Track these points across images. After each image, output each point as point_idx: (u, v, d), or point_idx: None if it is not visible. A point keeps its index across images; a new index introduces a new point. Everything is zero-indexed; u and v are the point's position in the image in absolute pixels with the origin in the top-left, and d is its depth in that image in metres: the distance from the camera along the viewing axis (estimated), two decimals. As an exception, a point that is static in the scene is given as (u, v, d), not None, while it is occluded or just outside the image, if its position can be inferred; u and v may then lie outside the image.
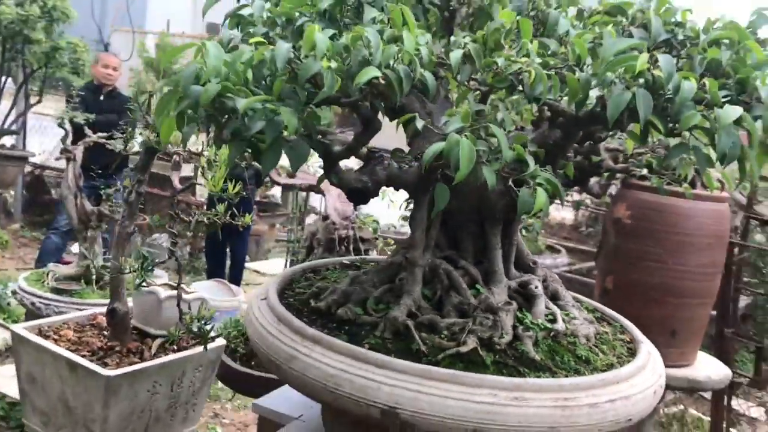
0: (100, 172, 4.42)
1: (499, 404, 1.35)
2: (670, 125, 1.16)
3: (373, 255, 3.21)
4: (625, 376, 1.51)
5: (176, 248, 2.59)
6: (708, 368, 2.92)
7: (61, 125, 4.59)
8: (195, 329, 2.47)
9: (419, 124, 1.29)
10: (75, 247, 6.73)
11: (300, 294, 1.82)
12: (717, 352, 4.50)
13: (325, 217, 3.63)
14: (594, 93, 1.22)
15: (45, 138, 10.49)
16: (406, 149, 1.58)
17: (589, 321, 1.75)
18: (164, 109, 1.27)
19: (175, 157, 2.44)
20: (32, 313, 3.66)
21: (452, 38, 1.28)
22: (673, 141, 1.30)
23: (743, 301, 6.72)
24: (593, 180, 2.45)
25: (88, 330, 2.86)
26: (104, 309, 2.92)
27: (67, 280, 3.89)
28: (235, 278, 5.72)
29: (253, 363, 3.55)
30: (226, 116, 1.18)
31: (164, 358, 2.63)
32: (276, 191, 8.82)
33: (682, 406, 6.00)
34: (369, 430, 1.52)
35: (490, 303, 1.61)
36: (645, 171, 1.91)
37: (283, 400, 2.09)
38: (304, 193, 4.53)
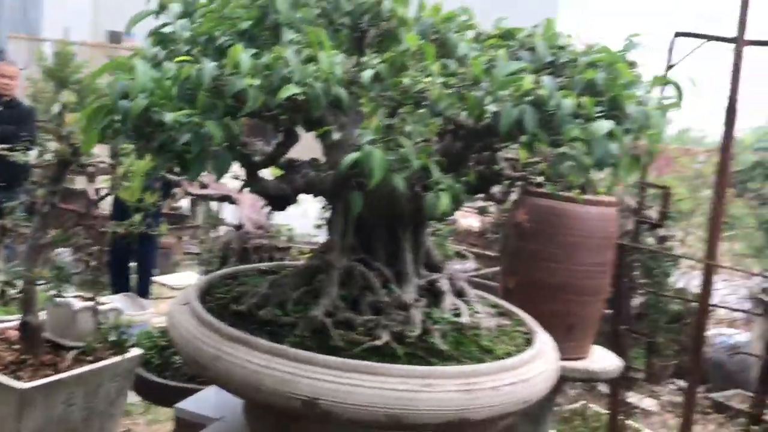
0: (3, 185, 4.31)
1: (410, 391, 1.48)
2: (554, 137, 1.33)
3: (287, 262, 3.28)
4: (523, 362, 1.68)
5: (90, 259, 2.60)
6: (602, 360, 3.16)
7: None
8: (113, 338, 2.50)
9: (335, 136, 1.41)
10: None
11: (220, 299, 1.90)
12: (612, 347, 4.80)
13: (239, 227, 3.68)
14: (491, 108, 1.37)
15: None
16: (323, 160, 1.70)
17: (491, 315, 1.92)
18: (91, 123, 1.33)
19: (90, 168, 2.46)
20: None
21: (364, 59, 1.41)
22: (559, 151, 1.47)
23: (638, 300, 7.19)
24: (495, 188, 2.63)
25: (-1, 344, 2.83)
26: (12, 323, 2.89)
27: None
28: (144, 292, 5.65)
29: (167, 373, 3.57)
30: (153, 129, 1.26)
31: (80, 369, 2.64)
32: (184, 203, 8.71)
33: (584, 402, 6.34)
34: (289, 422, 1.62)
35: (402, 300, 1.74)
36: (541, 179, 2.09)
37: (204, 403, 2.15)
38: (215, 204, 4.55)
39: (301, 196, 1.68)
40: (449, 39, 1.55)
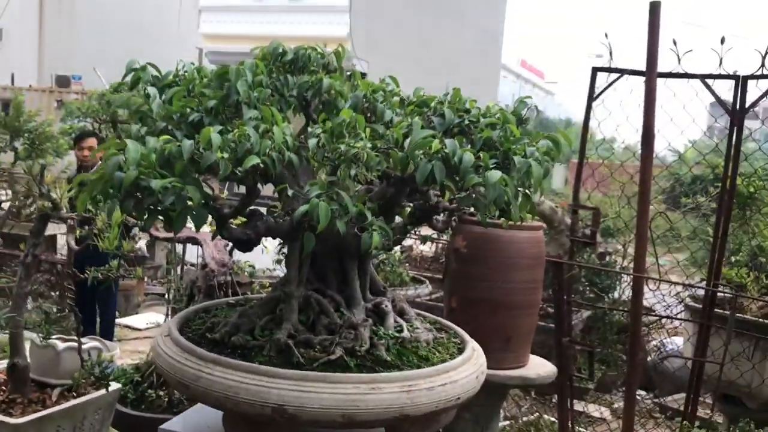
0: None
1: (360, 393, 1.82)
2: (460, 183, 1.70)
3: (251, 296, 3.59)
4: (452, 367, 2.03)
5: (71, 303, 2.88)
6: (538, 367, 3.54)
7: None
8: (97, 373, 2.79)
9: (290, 192, 1.75)
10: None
11: (197, 330, 2.21)
12: (557, 359, 5.19)
13: (204, 266, 3.98)
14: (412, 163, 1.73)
15: None
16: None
17: (428, 330, 2.27)
18: (90, 189, 1.66)
19: (69, 221, 2.75)
20: None
21: (309, 129, 1.76)
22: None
23: (585, 314, 7.65)
24: (436, 218, 3.00)
25: (-13, 387, 3.06)
26: (-2, 367, 3.14)
27: None
28: (107, 334, 5.86)
29: (142, 407, 3.84)
30: (141, 193, 1.59)
31: (67, 404, 2.89)
32: (141, 244, 8.91)
33: (537, 413, 6.74)
34: (261, 428, 1.94)
35: (352, 321, 2.08)
36: (472, 209, 2.46)
37: (185, 422, 2.45)
38: (180, 245, 4.84)
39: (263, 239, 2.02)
40: (377, 108, 1.91)
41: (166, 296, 4.47)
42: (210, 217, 1.80)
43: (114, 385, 3.08)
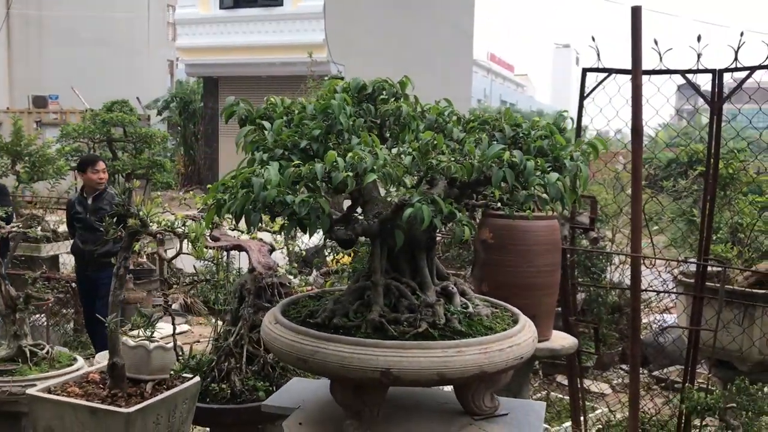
0: None
1: (448, 356, 2.29)
2: (524, 184, 2.16)
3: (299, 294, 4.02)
4: (515, 332, 2.50)
5: (169, 304, 3.31)
6: (560, 340, 4.03)
7: None
8: (193, 364, 3.22)
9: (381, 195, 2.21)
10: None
11: (296, 317, 2.66)
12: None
13: (252, 270, 4.41)
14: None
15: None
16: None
17: (486, 306, 2.74)
18: (230, 207, 2.10)
19: (159, 236, 3.18)
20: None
21: (400, 148, 2.22)
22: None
23: (581, 296, 8.18)
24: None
25: (87, 386, 3.48)
26: (90, 369, 3.56)
27: (2, 362, 4.37)
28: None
29: (207, 400, 4.25)
30: (280, 207, 2.04)
31: (163, 395, 3.33)
32: (143, 258, 9.27)
33: (545, 391, 7.27)
34: (366, 390, 2.40)
35: (428, 301, 2.54)
36: (499, 204, 2.93)
37: (283, 397, 2.89)
38: (225, 253, 5.26)
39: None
40: (447, 128, 2.38)
41: (214, 298, 4.88)
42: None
43: (196, 378, 3.52)
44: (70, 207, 6.98)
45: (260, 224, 2.15)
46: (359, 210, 2.52)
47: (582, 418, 5.74)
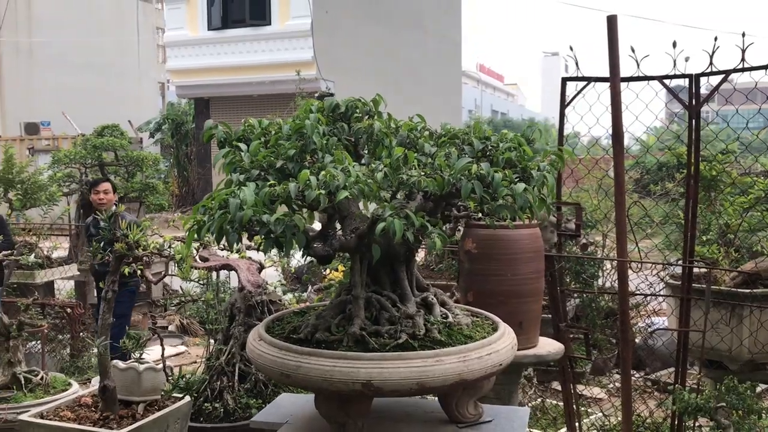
0: None
1: (428, 366, 2.34)
2: (493, 196, 2.23)
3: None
4: (494, 340, 2.56)
5: (156, 328, 3.35)
6: (547, 346, 4.08)
7: None
8: (182, 384, 3.26)
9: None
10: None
11: (280, 333, 2.71)
12: (557, 341, 5.68)
13: (241, 288, 4.46)
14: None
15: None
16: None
17: (467, 315, 2.80)
18: (208, 228, 2.16)
19: (145, 258, 3.23)
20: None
21: (371, 165, 2.28)
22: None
23: (574, 302, 8.23)
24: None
25: (79, 409, 3.52)
26: (83, 393, 3.60)
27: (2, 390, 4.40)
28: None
29: (201, 419, 4.29)
30: (256, 227, 2.10)
31: (154, 416, 3.37)
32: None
33: (541, 398, 7.30)
34: (350, 402, 2.45)
35: (408, 313, 2.60)
36: (480, 215, 3.00)
37: (272, 413, 2.94)
38: (215, 273, 5.32)
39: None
40: (419, 143, 2.45)
41: (207, 318, 4.93)
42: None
43: (186, 398, 3.57)
44: (86, 229, 7.14)
45: (247, 243, 2.20)
46: (339, 226, 2.58)
47: (577, 424, 5.78)
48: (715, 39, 5.11)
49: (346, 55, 22.09)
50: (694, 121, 5.05)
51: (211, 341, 4.75)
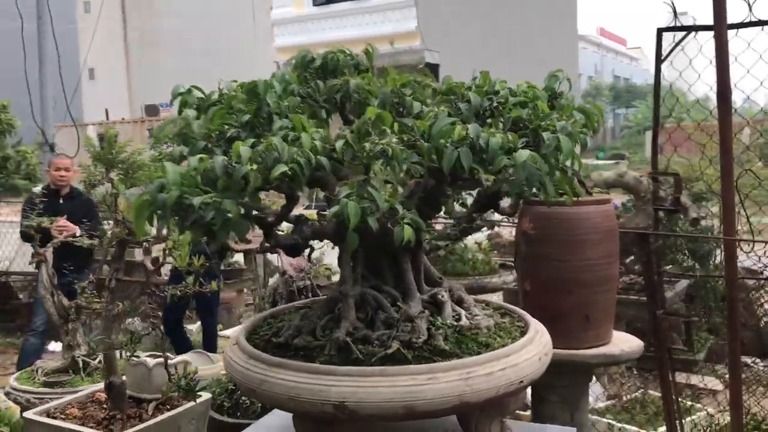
0: (71, 268, 4.79)
1: (417, 385, 1.84)
2: (491, 168, 1.68)
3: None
4: (514, 350, 2.02)
5: (156, 321, 3.04)
6: (622, 343, 3.44)
7: (27, 233, 4.96)
8: (184, 385, 2.92)
9: (320, 194, 1.79)
10: (51, 345, 7.00)
11: (263, 335, 2.29)
12: (652, 333, 5.03)
13: (283, 273, 4.09)
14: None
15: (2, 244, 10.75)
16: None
17: (489, 315, 2.26)
18: (139, 213, 1.75)
19: (144, 244, 2.90)
20: (28, 410, 4.01)
21: (338, 131, 1.80)
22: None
23: (684, 284, 7.34)
24: (504, 202, 2.99)
25: (90, 406, 3.27)
26: (99, 388, 3.35)
27: (56, 373, 4.25)
28: (211, 346, 6.07)
29: (237, 414, 3.98)
30: (185, 211, 1.67)
31: (161, 417, 3.06)
32: (239, 257, 9.22)
33: (642, 389, 6.55)
34: (328, 426, 1.99)
35: (409, 314, 2.11)
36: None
37: (261, 428, 2.54)
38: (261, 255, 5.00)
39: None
40: (406, 101, 1.92)
41: (253, 303, 4.62)
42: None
43: (204, 395, 3.23)
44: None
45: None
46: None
47: (678, 422, 5.08)
48: None
49: (452, 24, 21.42)
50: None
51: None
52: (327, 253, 5.10)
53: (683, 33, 4.71)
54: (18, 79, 9.41)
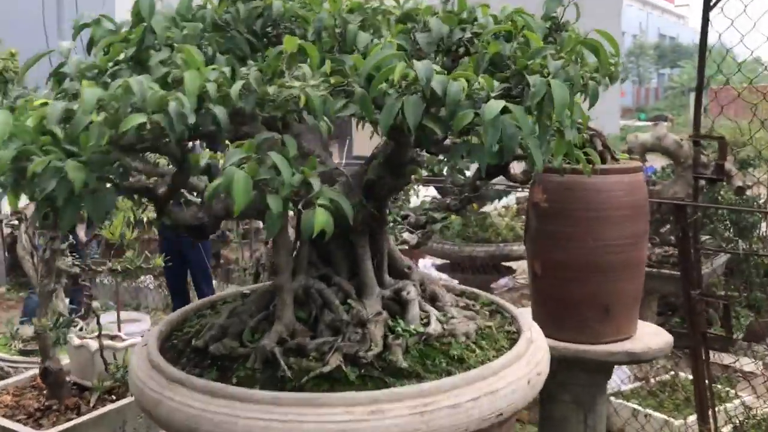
0: None
1: (354, 421, 1.36)
2: (452, 125, 1.16)
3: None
4: (493, 370, 1.51)
5: (90, 296, 2.60)
6: (648, 338, 2.91)
7: None
8: (119, 377, 2.48)
9: (203, 161, 1.30)
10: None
11: (187, 333, 1.82)
12: (686, 314, 4.50)
13: (267, 242, 3.63)
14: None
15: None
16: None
17: (470, 318, 1.76)
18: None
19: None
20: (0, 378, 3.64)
21: (243, 69, 1.29)
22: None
23: (723, 258, 6.71)
24: (517, 168, 2.46)
25: (28, 392, 2.87)
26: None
27: (34, 341, 3.89)
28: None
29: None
30: (26, 179, 1.19)
31: (100, 410, 2.64)
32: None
33: (672, 372, 5.99)
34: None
35: (361, 316, 1.61)
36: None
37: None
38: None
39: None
40: (349, 31, 1.39)
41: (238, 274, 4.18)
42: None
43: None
44: None
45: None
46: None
47: (710, 411, 4.56)
48: None
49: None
50: None
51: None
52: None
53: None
54: None
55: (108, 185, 1.23)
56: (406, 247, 3.39)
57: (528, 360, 1.62)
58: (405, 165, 1.59)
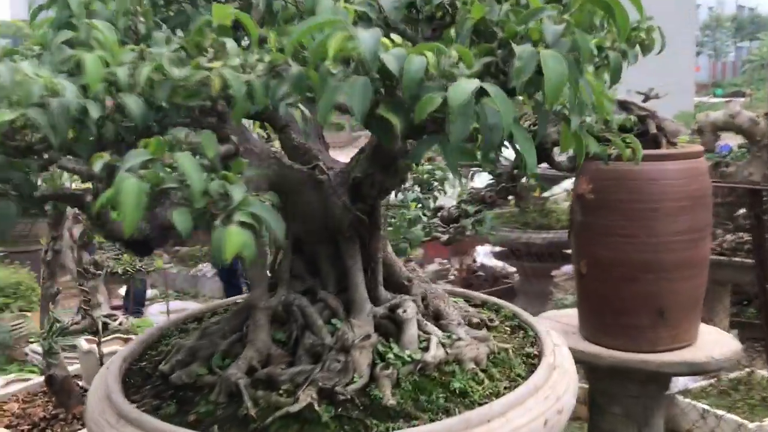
0: None
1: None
2: (415, 115, 0.89)
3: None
4: (497, 411, 1.23)
5: (90, 306, 2.44)
6: (710, 346, 2.55)
7: None
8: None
9: (99, 163, 1.05)
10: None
11: (160, 353, 1.61)
12: (762, 307, 4.13)
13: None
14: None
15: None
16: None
17: (480, 339, 1.48)
18: None
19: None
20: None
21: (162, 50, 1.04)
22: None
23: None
24: (563, 156, 2.17)
25: (38, 399, 2.74)
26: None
27: (72, 335, 3.81)
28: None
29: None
30: None
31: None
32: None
33: (748, 369, 5.52)
34: None
35: (345, 341, 1.36)
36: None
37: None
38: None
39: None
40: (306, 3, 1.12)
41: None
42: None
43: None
44: None
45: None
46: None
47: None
48: None
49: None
50: None
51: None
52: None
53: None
54: None
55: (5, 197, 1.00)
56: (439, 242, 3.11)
57: (546, 394, 1.33)
58: (395, 159, 1.32)
